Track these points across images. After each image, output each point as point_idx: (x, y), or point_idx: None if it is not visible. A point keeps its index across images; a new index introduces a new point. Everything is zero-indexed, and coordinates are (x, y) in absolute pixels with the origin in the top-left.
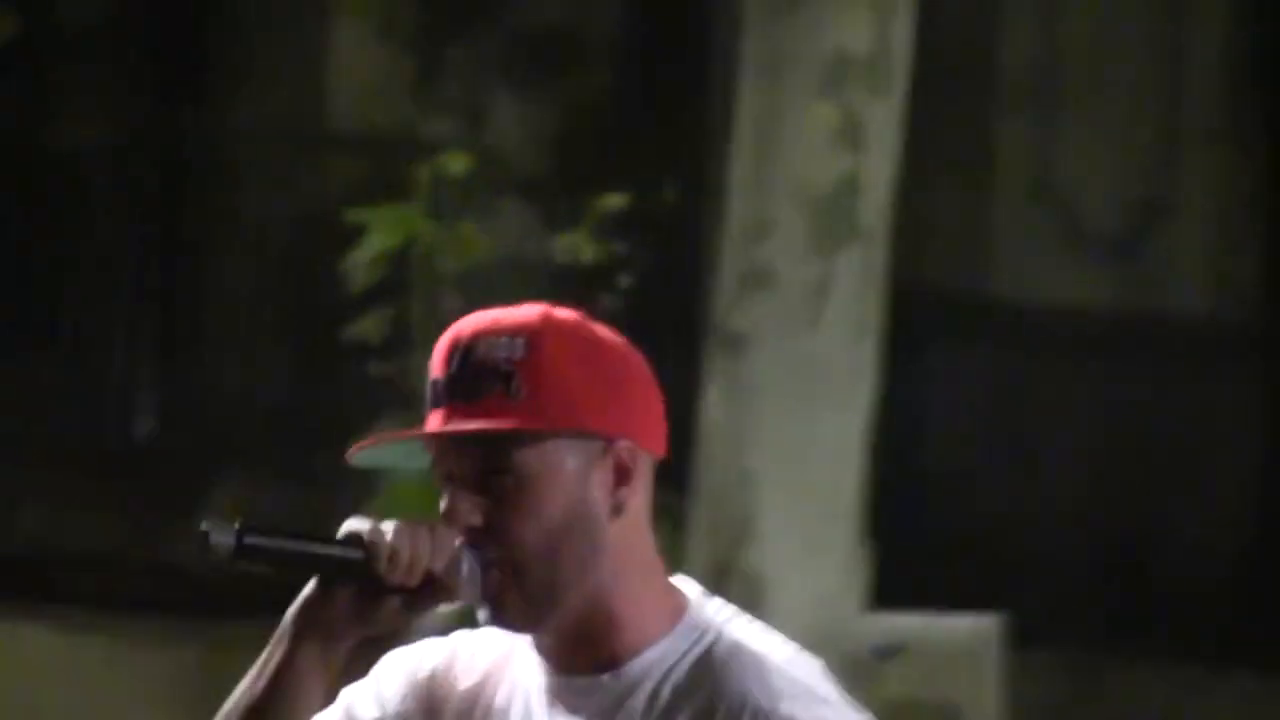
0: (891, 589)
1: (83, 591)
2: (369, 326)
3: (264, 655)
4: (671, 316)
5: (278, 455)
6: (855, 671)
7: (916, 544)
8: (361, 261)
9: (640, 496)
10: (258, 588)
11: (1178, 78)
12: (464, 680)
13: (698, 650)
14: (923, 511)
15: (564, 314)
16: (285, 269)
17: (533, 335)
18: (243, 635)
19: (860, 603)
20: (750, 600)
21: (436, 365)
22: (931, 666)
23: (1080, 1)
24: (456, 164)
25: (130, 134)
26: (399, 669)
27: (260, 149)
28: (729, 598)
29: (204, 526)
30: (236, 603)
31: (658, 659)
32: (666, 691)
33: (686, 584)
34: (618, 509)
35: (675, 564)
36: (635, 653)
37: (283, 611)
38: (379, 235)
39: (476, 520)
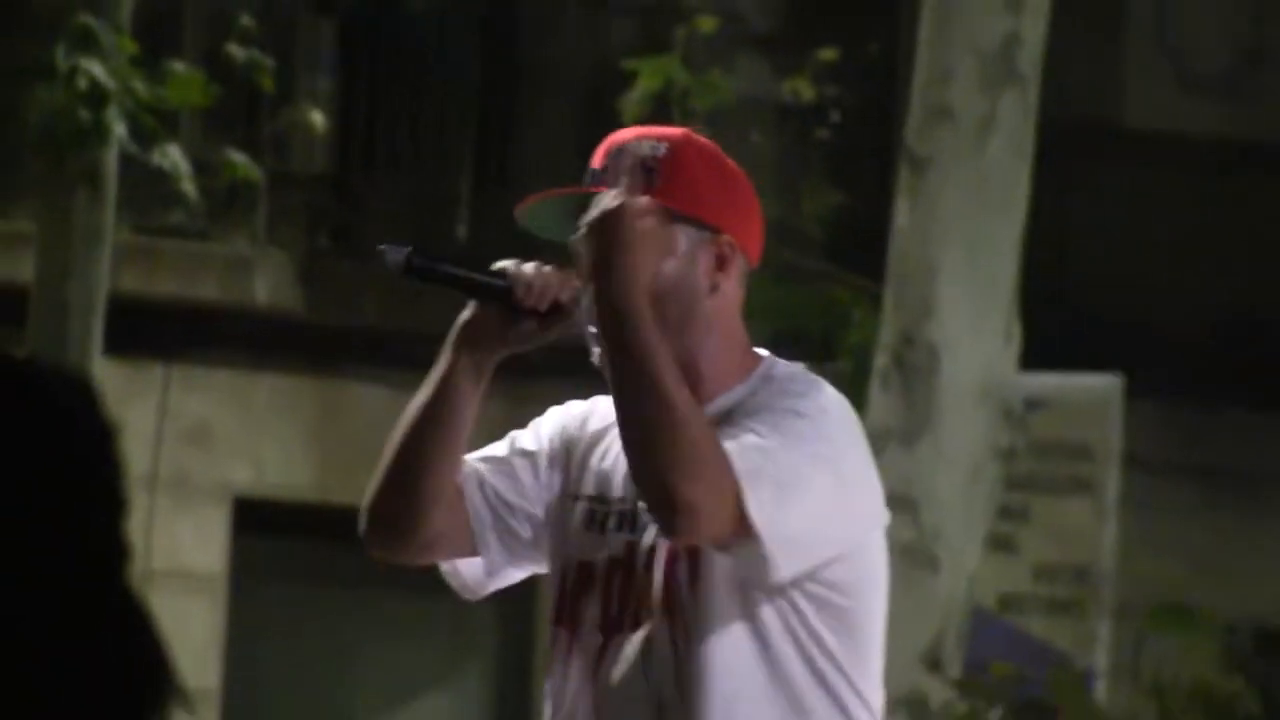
0: (1039, 354)
1: (415, 360)
2: None
3: (431, 370)
4: (871, 144)
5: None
6: (1010, 419)
7: (1060, 319)
8: (634, 100)
9: (733, 284)
10: (560, 354)
11: None
12: (594, 426)
13: (762, 388)
14: (1065, 294)
15: (702, 138)
16: (577, 106)
17: (675, 143)
18: (539, 392)
19: (1014, 365)
20: (929, 363)
21: (595, 158)
22: (1068, 415)
23: None
24: (707, 24)
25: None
26: (552, 417)
27: (555, 13)
28: (913, 362)
29: (381, 246)
30: (543, 365)
31: (728, 403)
32: (735, 419)
33: (766, 354)
34: (713, 288)
35: (872, 335)
36: (712, 399)
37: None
38: (646, 80)
39: None
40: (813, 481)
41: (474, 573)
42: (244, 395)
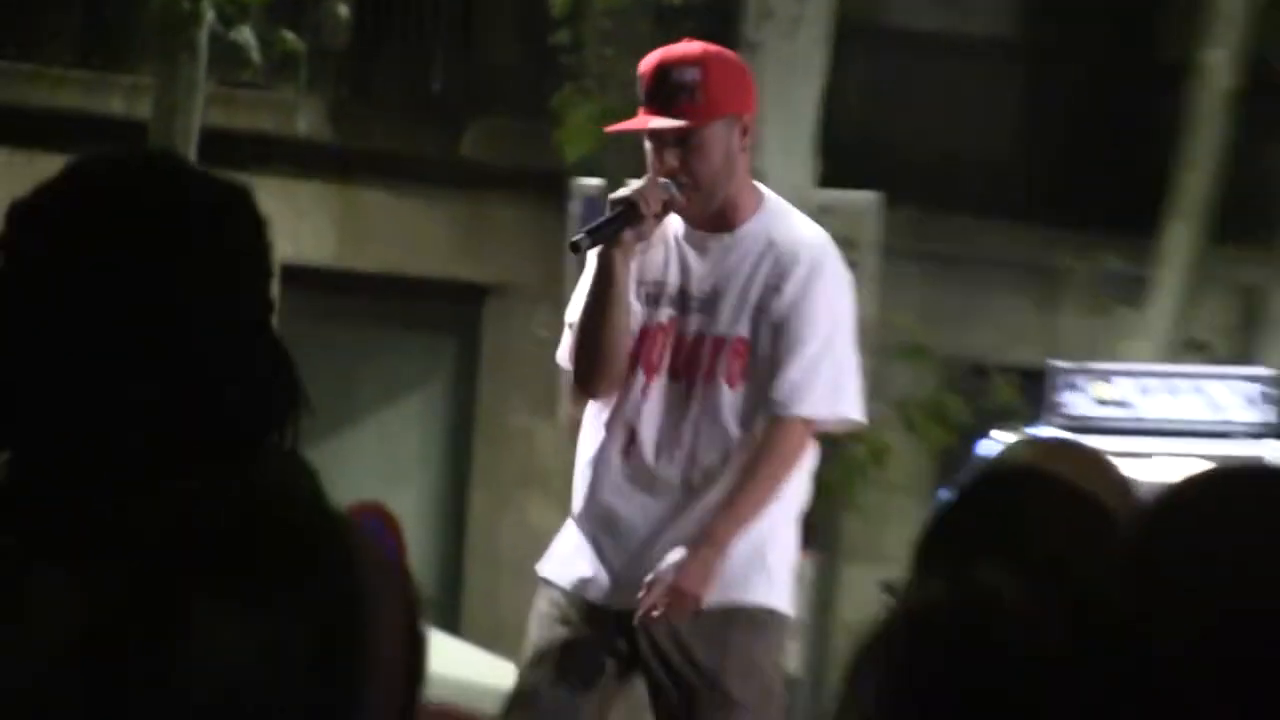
0: (829, 177)
1: (408, 172)
2: (562, 34)
3: (593, 272)
4: (720, 35)
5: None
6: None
7: (843, 153)
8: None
9: (750, 138)
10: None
11: None
12: (650, 246)
13: (773, 222)
14: (847, 137)
15: (715, 49)
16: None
17: (703, 65)
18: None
19: (813, 183)
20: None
21: (646, 80)
22: (846, 218)
23: None
24: None
25: None
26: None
27: None
28: None
29: (574, 240)
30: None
31: (751, 228)
32: (757, 245)
33: (761, 187)
34: (744, 148)
35: None
36: (740, 224)
37: None
38: None
39: (675, 164)
40: (850, 350)
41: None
42: (291, 195)
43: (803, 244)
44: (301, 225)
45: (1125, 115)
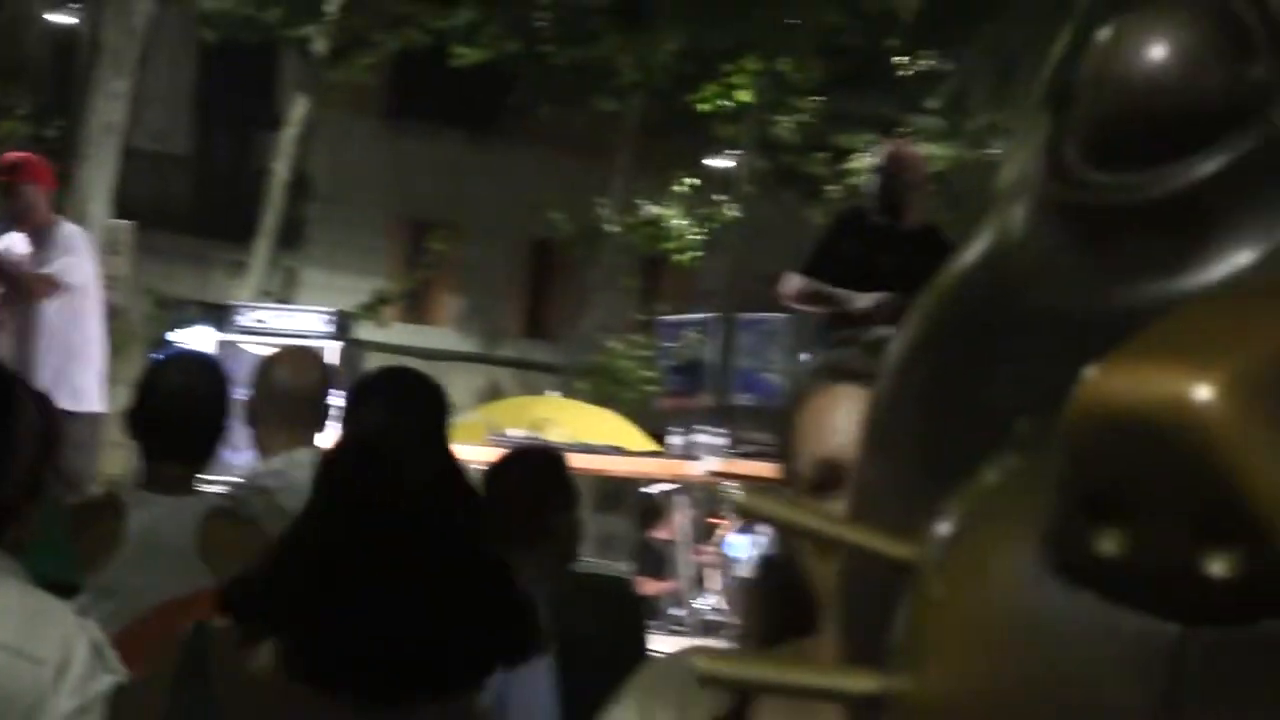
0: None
1: None
2: None
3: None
4: (62, 154)
5: None
6: None
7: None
8: None
9: (47, 194)
10: None
11: None
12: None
13: (61, 231)
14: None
15: (37, 157)
16: None
17: (27, 159)
18: None
19: (111, 216)
20: None
21: (3, 163)
22: (118, 232)
23: None
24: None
25: None
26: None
27: None
28: None
29: None
30: None
31: (52, 235)
32: (55, 240)
33: (64, 220)
34: (47, 203)
35: None
36: (50, 225)
37: None
38: None
39: (13, 201)
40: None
41: None
42: None
43: (74, 232)
44: None
45: (250, 190)
